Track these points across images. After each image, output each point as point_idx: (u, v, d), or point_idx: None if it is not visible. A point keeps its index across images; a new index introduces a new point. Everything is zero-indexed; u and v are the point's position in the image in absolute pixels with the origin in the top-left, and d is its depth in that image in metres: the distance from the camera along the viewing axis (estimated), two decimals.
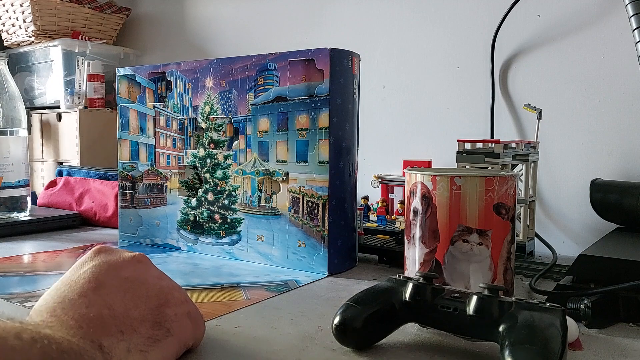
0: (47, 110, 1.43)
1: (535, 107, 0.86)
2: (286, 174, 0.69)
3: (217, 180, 0.75)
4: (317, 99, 0.66)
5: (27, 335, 0.27)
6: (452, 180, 0.50)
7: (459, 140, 0.73)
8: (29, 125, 1.34)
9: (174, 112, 0.79)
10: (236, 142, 0.74)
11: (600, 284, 0.52)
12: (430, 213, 0.52)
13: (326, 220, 0.66)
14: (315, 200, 0.67)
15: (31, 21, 1.39)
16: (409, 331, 0.47)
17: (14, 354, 0.25)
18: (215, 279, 0.64)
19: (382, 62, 1.07)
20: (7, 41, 1.50)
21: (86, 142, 1.37)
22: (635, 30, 0.72)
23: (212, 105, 0.75)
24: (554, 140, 0.89)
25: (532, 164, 0.78)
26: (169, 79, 0.79)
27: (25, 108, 0.97)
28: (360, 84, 0.71)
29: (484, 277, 0.50)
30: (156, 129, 0.82)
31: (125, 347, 0.33)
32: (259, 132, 0.71)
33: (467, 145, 0.73)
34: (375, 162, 1.06)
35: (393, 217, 0.92)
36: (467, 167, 0.72)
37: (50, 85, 1.44)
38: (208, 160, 0.76)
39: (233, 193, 0.74)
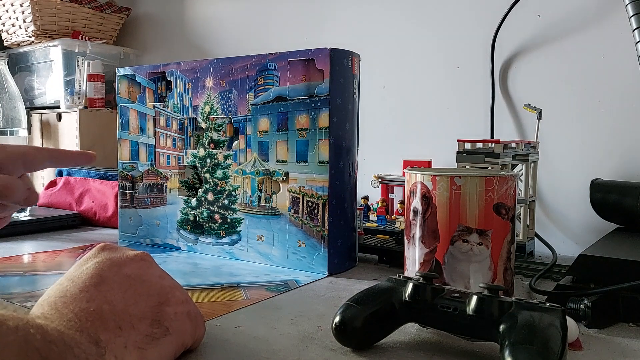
0: (47, 110, 1.43)
1: (535, 107, 0.86)
2: (286, 174, 0.69)
3: (217, 180, 0.75)
4: (317, 99, 0.66)
5: (12, 324, 0.27)
6: (452, 180, 0.50)
7: (459, 140, 0.73)
8: (29, 125, 1.34)
9: (174, 112, 0.79)
10: (236, 142, 0.74)
11: (600, 284, 0.52)
12: (430, 213, 0.52)
13: (326, 220, 0.66)
14: (315, 200, 0.67)
15: (31, 21, 1.39)
16: (409, 331, 0.47)
17: None
18: (215, 279, 0.64)
19: (382, 62, 1.07)
20: (7, 41, 1.50)
21: (86, 142, 1.37)
22: (635, 30, 0.72)
23: (212, 105, 0.75)
24: (554, 140, 0.89)
25: (532, 164, 0.78)
26: (169, 79, 0.79)
27: (25, 108, 0.97)
28: (360, 84, 0.71)
29: (484, 277, 0.50)
30: (156, 129, 0.82)
31: (122, 343, 0.34)
32: (259, 132, 0.71)
33: (467, 145, 0.73)
34: (375, 162, 1.06)
35: (393, 217, 0.92)
36: (467, 167, 0.72)
37: (50, 85, 1.44)
38: (208, 160, 0.76)
39: (233, 193, 0.74)
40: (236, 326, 0.48)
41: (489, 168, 0.70)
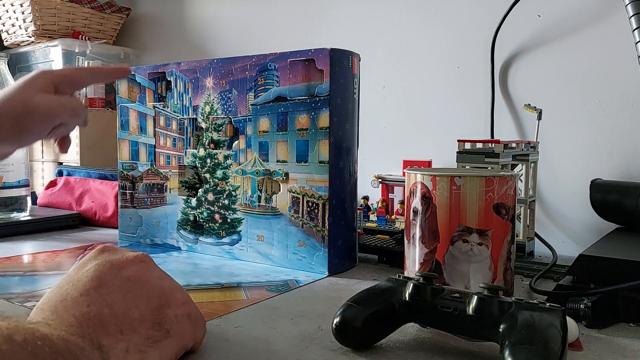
0: None
1: (535, 107, 0.86)
2: (286, 174, 0.69)
3: (217, 180, 0.75)
4: (317, 99, 0.66)
5: (20, 337, 0.27)
6: (452, 180, 0.50)
7: (459, 140, 0.73)
8: None
9: (174, 112, 0.79)
10: (236, 142, 0.74)
11: (600, 284, 0.52)
12: (430, 213, 0.52)
13: (326, 220, 0.66)
14: (315, 200, 0.67)
15: (31, 21, 1.39)
16: (409, 331, 0.47)
17: (3, 358, 0.25)
18: (215, 279, 0.64)
19: (382, 62, 1.07)
20: (7, 41, 1.50)
21: (86, 142, 1.37)
22: (635, 30, 0.72)
23: (212, 105, 0.75)
24: (554, 140, 0.89)
25: (532, 164, 0.78)
26: (169, 79, 0.79)
27: None
28: (360, 84, 0.71)
29: (484, 277, 0.50)
30: (156, 129, 0.82)
31: (124, 347, 0.34)
32: (259, 132, 0.71)
33: (467, 145, 0.73)
34: (375, 162, 1.06)
35: (393, 217, 0.92)
36: (467, 167, 0.72)
37: None
38: (208, 160, 0.76)
39: (233, 193, 0.74)
40: (236, 326, 0.48)
41: (489, 168, 0.70)
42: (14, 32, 1.46)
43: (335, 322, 0.43)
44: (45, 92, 0.55)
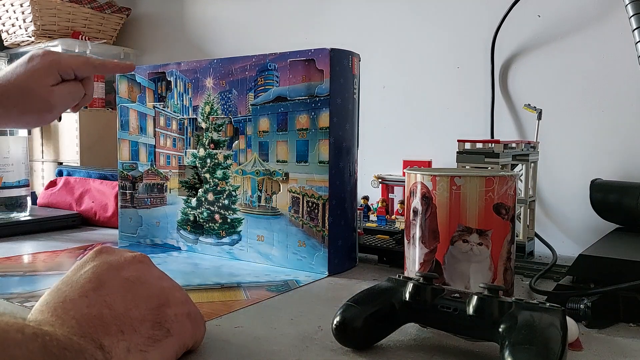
0: None
1: (535, 107, 0.86)
2: (286, 174, 0.69)
3: (217, 180, 0.75)
4: (317, 99, 0.66)
5: (29, 331, 0.27)
6: (452, 180, 0.50)
7: (459, 140, 0.73)
8: None
9: (174, 112, 0.79)
10: (236, 142, 0.74)
11: (600, 284, 0.52)
12: (430, 213, 0.52)
13: (326, 220, 0.66)
14: (315, 200, 0.67)
15: (31, 21, 1.39)
16: (409, 331, 0.47)
17: (15, 347, 0.25)
18: (215, 279, 0.64)
19: (382, 62, 1.07)
20: (7, 41, 1.50)
21: (86, 142, 1.37)
22: (635, 30, 0.72)
23: (212, 105, 0.75)
24: (554, 140, 0.89)
25: (532, 164, 0.78)
26: (169, 79, 0.79)
27: None
28: (360, 84, 0.71)
29: (484, 277, 0.50)
30: (156, 129, 0.82)
31: (125, 346, 0.34)
32: (259, 132, 0.71)
33: (467, 145, 0.73)
34: (375, 162, 1.06)
35: (393, 217, 0.92)
36: (467, 167, 0.72)
37: None
38: (208, 160, 0.76)
39: (233, 193, 0.74)
40: (236, 326, 0.48)
41: (489, 168, 0.70)
42: (14, 32, 1.46)
43: (335, 322, 0.43)
44: (56, 83, 0.65)
